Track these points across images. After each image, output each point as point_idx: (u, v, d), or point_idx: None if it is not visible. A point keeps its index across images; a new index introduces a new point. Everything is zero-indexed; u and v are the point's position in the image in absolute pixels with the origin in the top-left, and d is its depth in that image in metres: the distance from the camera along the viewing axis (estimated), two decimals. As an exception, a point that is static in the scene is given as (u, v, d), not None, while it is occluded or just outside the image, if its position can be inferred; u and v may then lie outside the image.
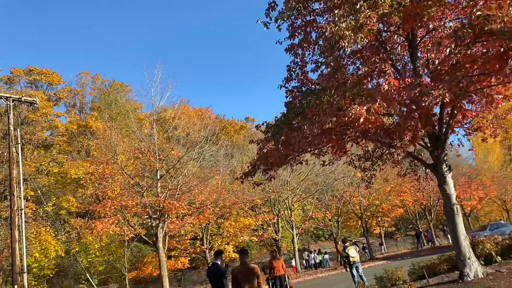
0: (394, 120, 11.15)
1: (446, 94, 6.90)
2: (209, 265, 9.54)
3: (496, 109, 12.43)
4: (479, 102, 11.46)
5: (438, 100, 6.94)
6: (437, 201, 41.13)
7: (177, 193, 24.85)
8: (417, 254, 32.53)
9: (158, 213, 23.33)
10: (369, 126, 8.33)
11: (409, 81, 7.61)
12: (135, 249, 35.54)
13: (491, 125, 12.95)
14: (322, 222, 41.57)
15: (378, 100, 7.12)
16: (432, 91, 6.94)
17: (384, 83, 7.34)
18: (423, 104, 7.06)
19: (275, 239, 34.28)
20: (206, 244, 32.88)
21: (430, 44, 11.96)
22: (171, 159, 27.61)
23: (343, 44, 7.77)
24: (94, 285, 29.88)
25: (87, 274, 30.23)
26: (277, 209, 34.00)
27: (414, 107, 7.66)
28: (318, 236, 53.40)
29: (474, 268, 9.95)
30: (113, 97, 52.48)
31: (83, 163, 38.52)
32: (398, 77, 8.63)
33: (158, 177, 24.52)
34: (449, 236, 44.94)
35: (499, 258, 11.95)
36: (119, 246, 32.58)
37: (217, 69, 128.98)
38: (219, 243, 34.39)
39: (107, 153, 26.20)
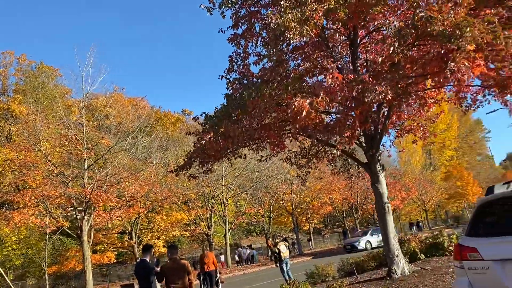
0: (332, 118, 11.26)
1: (389, 91, 6.96)
2: (137, 261, 8.98)
3: (427, 112, 13.01)
4: (413, 105, 11.88)
5: (380, 97, 6.99)
6: (363, 200, 43.08)
7: (105, 184, 23.60)
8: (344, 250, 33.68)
9: (84, 205, 21.99)
10: (309, 122, 8.23)
11: (352, 77, 7.61)
12: (57, 243, 33.45)
13: (421, 128, 13.55)
14: (255, 218, 41.83)
15: (321, 94, 7.01)
16: (376, 87, 6.96)
17: (328, 77, 7.27)
18: (366, 100, 7.08)
19: (207, 234, 33.89)
20: (135, 238, 31.69)
21: (370, 44, 12.28)
22: (100, 148, 26.19)
23: (288, 35, 7.58)
24: (9, 281, 27.56)
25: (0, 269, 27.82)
26: (211, 204, 33.63)
27: (356, 104, 7.67)
28: (249, 232, 53.80)
29: (402, 265, 10.28)
30: (40, 80, 48.86)
31: (2, 149, 35.42)
32: (343, 72, 8.62)
33: (86, 167, 23.10)
34: (373, 233, 47.78)
35: (423, 256, 12.52)
36: (39, 239, 30.42)
37: (155, 58, 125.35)
38: (149, 238, 33.31)
39: (30, 139, 24.22)
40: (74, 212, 22.32)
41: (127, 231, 32.23)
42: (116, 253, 33.74)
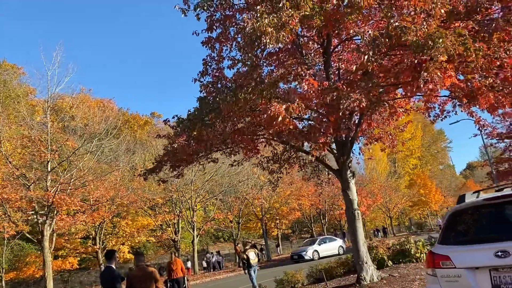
0: (304, 124, 11.29)
1: (363, 99, 7.03)
2: (102, 268, 8.65)
3: (396, 121, 13.28)
4: (383, 113, 12.09)
5: (355, 104, 7.04)
6: (331, 206, 43.59)
7: (69, 188, 22.83)
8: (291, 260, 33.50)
9: (46, 209, 21.15)
10: (283, 127, 8.21)
11: (327, 84, 7.64)
12: (16, 248, 32.04)
13: (390, 137, 13.82)
14: (223, 224, 41.52)
15: (297, 100, 6.99)
16: (351, 94, 7.01)
17: (304, 83, 7.27)
18: (341, 107, 7.11)
19: (174, 240, 33.30)
20: (99, 243, 30.72)
21: (342, 53, 12.43)
22: (65, 150, 25.30)
23: (264, 40, 7.53)
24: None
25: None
26: (179, 209, 33.10)
27: (331, 110, 7.70)
28: (217, 237, 53.33)
29: (370, 272, 10.38)
30: (1, 78, 46.95)
31: (-43, 150, 33.66)
32: (316, 79, 8.64)
33: (49, 169, 22.25)
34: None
35: (390, 263, 12.70)
36: (-3, 244, 29.03)
37: (124, 59, 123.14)
38: (114, 243, 32.38)
39: (-11, 140, 23.10)
40: (35, 216, 21.42)
41: (91, 236, 31.22)
42: (79, 258, 32.68)
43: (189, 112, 9.80)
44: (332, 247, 30.81)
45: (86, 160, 24.90)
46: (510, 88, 7.06)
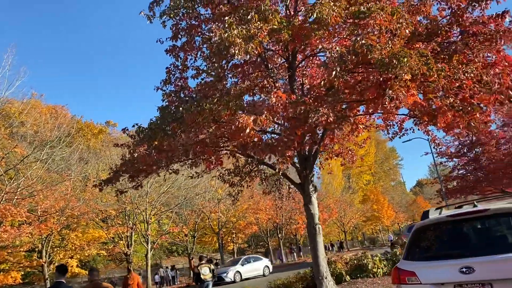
0: (267, 137, 11.26)
1: (330, 113, 7.07)
2: (52, 284, 8.06)
3: (357, 137, 13.54)
4: (345, 129, 12.26)
5: (323, 119, 7.06)
6: (289, 220, 43.78)
7: (16, 197, 21.51)
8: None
9: (-12, 220, 19.82)
10: (248, 140, 8.12)
11: (295, 97, 7.65)
12: (-49, 261, 29.68)
13: (350, 153, 14.06)
14: (178, 237, 40.59)
15: (265, 112, 6.93)
16: (320, 108, 7.04)
17: (272, 96, 7.22)
18: (309, 121, 7.12)
19: (126, 254, 32.11)
20: (45, 257, 29.04)
21: (306, 69, 12.58)
22: (13, 158, 23.92)
23: (233, 51, 7.43)
24: None
25: None
26: (132, 221, 32.03)
27: (298, 124, 7.69)
28: (171, 251, 52.07)
29: (330, 287, 10.36)
30: None
31: None
32: (284, 92, 8.63)
33: (-6, 177, 20.93)
34: (295, 254, 48.71)
35: (348, 278, 12.80)
36: None
37: (80, 65, 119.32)
38: (61, 257, 30.70)
39: None
40: (-25, 228, 20.02)
41: (36, 249, 29.51)
42: (23, 273, 30.68)
43: (151, 121, 9.51)
44: (256, 267, 28.38)
45: (35, 168, 23.61)
46: (468, 108, 7.34)
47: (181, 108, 9.04)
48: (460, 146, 27.81)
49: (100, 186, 11.53)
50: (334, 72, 7.05)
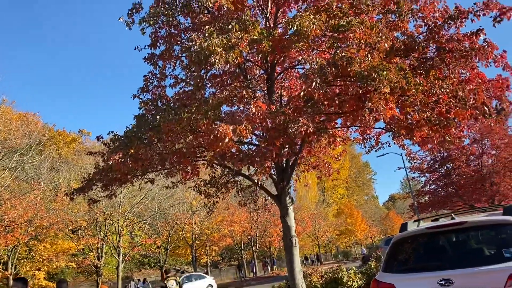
0: (244, 148, 11.18)
1: (310, 124, 7.07)
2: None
3: (333, 150, 13.62)
4: (322, 142, 12.32)
5: (303, 129, 7.05)
6: (263, 233, 43.55)
7: (-19, 206, 20.71)
8: (240, 284, 33.23)
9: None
10: (226, 150, 8.03)
11: (274, 108, 7.63)
12: None
13: (326, 165, 14.12)
14: (151, 249, 39.74)
15: (244, 122, 6.87)
16: (300, 119, 7.03)
17: (252, 106, 7.17)
18: (289, 131, 7.10)
19: (96, 266, 31.18)
20: (11, 269, 27.89)
21: (284, 81, 12.63)
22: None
23: (213, 60, 7.37)
24: None
25: None
26: (104, 233, 31.19)
27: (277, 134, 7.66)
28: (143, 264, 50.92)
29: (306, 300, 10.26)
30: None
31: None
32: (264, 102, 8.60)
33: (-42, 185, 20.07)
34: (268, 267, 48.39)
35: (324, 290, 12.74)
36: None
37: (52, 72, 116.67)
38: (28, 268, 29.54)
39: None
40: None
41: (1, 261, 28.34)
42: (-15, 285, 29.38)
43: (127, 129, 9.30)
44: (198, 286, 28.30)
45: (3, 176, 22.80)
46: (445, 122, 7.47)
47: (158, 117, 8.88)
48: (432, 162, 28.44)
49: (71, 195, 11.16)
50: (313, 84, 7.07)
